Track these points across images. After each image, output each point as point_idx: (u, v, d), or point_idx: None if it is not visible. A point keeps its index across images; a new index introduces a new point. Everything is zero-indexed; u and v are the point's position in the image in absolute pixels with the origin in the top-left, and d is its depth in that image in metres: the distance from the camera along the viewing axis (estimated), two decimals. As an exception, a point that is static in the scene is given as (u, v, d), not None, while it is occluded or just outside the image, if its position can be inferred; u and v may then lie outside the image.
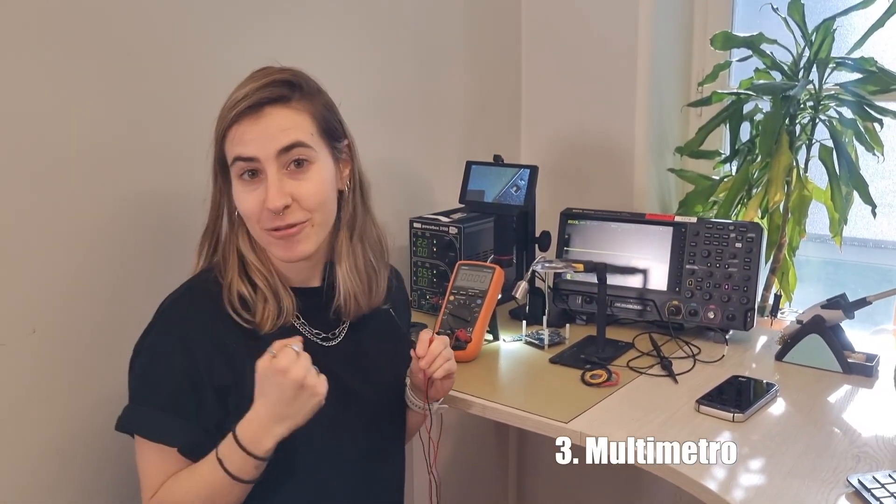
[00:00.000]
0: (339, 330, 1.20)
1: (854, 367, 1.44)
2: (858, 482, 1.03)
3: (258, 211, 1.07)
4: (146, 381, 1.08)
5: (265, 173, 1.06)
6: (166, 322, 1.10)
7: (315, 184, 1.08)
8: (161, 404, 1.07)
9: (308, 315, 1.17)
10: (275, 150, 1.05)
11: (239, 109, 1.04)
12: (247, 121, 1.05)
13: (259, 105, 1.04)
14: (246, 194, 1.07)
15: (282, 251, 1.10)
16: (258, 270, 1.12)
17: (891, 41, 1.83)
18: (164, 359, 1.07)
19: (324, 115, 1.11)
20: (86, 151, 1.27)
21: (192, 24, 1.41)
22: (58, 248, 1.26)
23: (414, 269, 1.83)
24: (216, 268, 1.13)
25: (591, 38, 2.09)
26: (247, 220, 1.10)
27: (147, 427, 1.07)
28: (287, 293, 1.13)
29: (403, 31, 1.87)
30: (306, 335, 1.15)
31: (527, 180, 1.66)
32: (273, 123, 1.05)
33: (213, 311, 1.09)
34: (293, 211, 1.07)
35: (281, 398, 0.99)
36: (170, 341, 1.08)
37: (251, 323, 1.09)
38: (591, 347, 1.57)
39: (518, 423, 1.32)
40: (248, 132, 1.05)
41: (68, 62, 1.24)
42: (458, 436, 2.17)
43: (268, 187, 1.05)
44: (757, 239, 1.59)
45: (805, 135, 1.81)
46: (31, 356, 1.24)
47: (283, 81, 1.07)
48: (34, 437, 1.26)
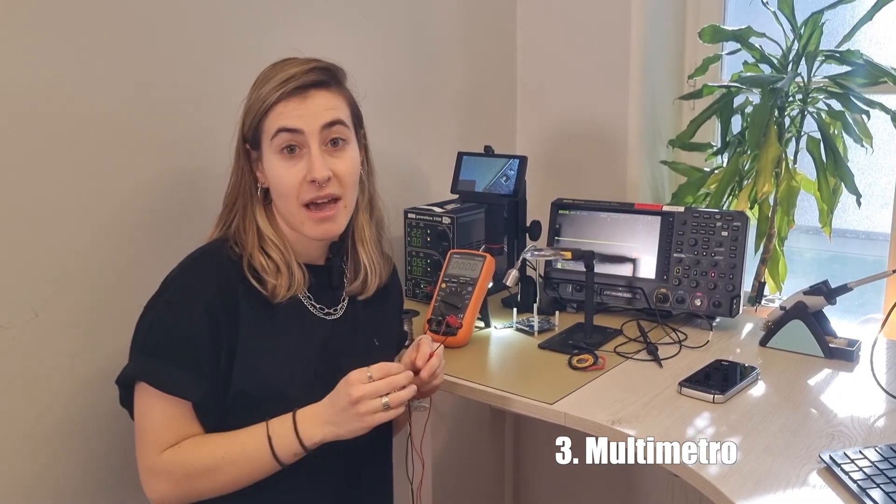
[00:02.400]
0: (340, 306, 1.27)
1: (835, 351, 1.46)
2: (830, 458, 1.06)
3: (298, 184, 1.15)
4: (163, 334, 1.12)
5: (307, 148, 1.14)
6: (186, 280, 1.15)
7: (350, 163, 1.18)
8: (177, 358, 1.10)
9: (314, 291, 1.24)
10: (319, 125, 1.14)
11: (287, 88, 1.13)
12: (294, 99, 1.13)
13: (305, 87, 1.14)
14: (286, 168, 1.15)
15: (316, 230, 1.18)
16: (274, 244, 1.18)
17: (878, 34, 1.85)
18: (186, 313, 1.11)
19: (354, 103, 1.23)
20: (93, 134, 1.31)
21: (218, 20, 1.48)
22: (61, 231, 1.29)
23: (408, 259, 1.87)
24: (231, 238, 1.18)
25: (585, 31, 2.12)
26: (283, 196, 1.17)
27: (163, 378, 1.09)
28: (299, 268, 1.20)
29: (399, 23, 1.91)
30: (311, 309, 1.23)
31: (516, 170, 1.69)
32: (318, 102, 1.15)
33: (233, 275, 1.15)
34: (332, 184, 1.16)
35: (335, 403, 1.08)
36: (192, 296, 1.12)
37: (266, 289, 1.15)
38: (580, 334, 1.60)
39: (504, 404, 1.36)
40: (295, 108, 1.13)
41: (83, 43, 1.28)
42: (453, 427, 2.20)
43: (312, 159, 1.14)
44: (742, 227, 1.62)
45: (794, 127, 1.84)
46: (34, 340, 1.27)
47: (324, 69, 1.17)
48: (36, 420, 1.28)
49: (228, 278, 1.14)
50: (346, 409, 1.06)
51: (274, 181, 1.17)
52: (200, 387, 1.10)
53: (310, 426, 1.08)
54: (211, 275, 1.14)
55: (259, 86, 1.16)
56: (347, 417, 1.06)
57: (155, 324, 1.12)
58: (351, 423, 1.07)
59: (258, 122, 1.15)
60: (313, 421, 1.08)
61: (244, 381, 1.12)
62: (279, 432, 1.09)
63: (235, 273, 1.15)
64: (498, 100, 2.24)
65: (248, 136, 1.18)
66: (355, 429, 1.07)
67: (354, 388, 1.05)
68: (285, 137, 1.14)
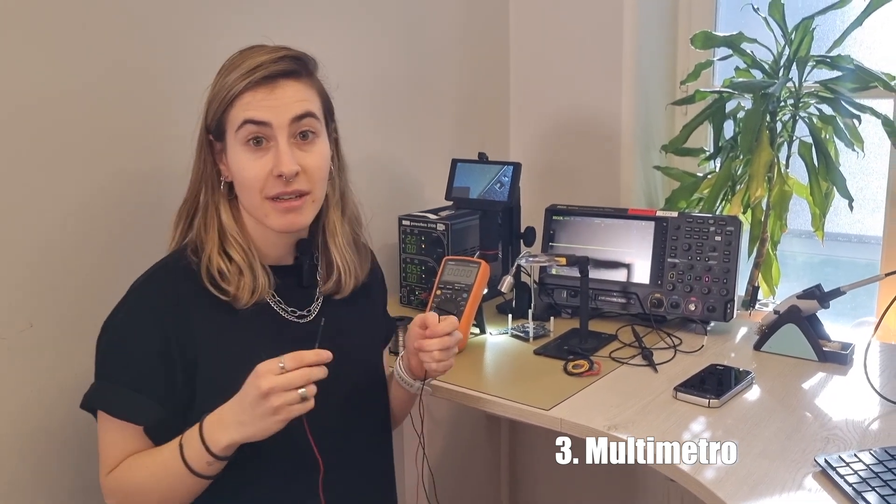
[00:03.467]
0: (314, 307, 1.22)
1: (829, 355, 1.47)
2: (825, 461, 1.06)
3: (263, 177, 1.09)
4: (114, 358, 1.09)
5: (274, 140, 1.08)
6: (137, 298, 1.11)
7: (319, 157, 1.13)
8: (128, 381, 1.07)
9: (282, 292, 1.18)
10: (288, 118, 1.08)
11: (255, 77, 1.07)
12: (263, 89, 1.07)
13: (275, 76, 1.08)
14: (252, 161, 1.09)
15: (280, 221, 1.12)
16: (237, 244, 1.13)
17: (868, 39, 1.87)
18: (135, 335, 1.08)
19: (325, 95, 1.17)
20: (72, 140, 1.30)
21: (178, 6, 1.43)
22: (54, 240, 1.29)
23: (403, 266, 1.87)
24: (190, 245, 1.14)
25: (578, 37, 2.13)
26: (246, 189, 1.11)
27: (112, 404, 1.07)
28: (263, 270, 1.14)
29: (393, 30, 1.92)
30: (280, 313, 1.17)
31: (510, 177, 1.69)
32: (288, 93, 1.09)
33: (188, 286, 1.10)
34: (300, 180, 1.10)
35: (243, 400, 0.99)
36: (141, 317, 1.09)
37: (227, 295, 1.10)
38: (575, 339, 1.60)
39: (500, 410, 1.36)
40: (264, 99, 1.07)
41: (42, 42, 1.25)
42: (450, 432, 2.20)
43: (280, 153, 1.08)
44: (735, 232, 1.63)
45: (786, 131, 1.85)
46: (29, 350, 1.27)
47: (295, 58, 1.11)
48: (32, 431, 1.29)
49: (182, 293, 1.10)
50: (256, 405, 0.97)
51: (238, 174, 1.11)
52: (152, 410, 1.07)
53: (215, 430, 1.00)
54: (162, 292, 1.10)
55: (224, 73, 1.10)
56: (259, 414, 0.97)
57: (108, 346, 1.10)
58: (263, 420, 0.97)
59: (222, 113, 1.09)
60: (218, 424, 1.01)
61: (209, 398, 1.05)
62: (188, 442, 1.03)
63: (192, 285, 1.10)
64: (492, 106, 2.25)
65: (212, 127, 1.12)
66: (268, 426, 0.98)
67: (264, 379, 0.95)
68: (251, 129, 1.08)
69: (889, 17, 1.79)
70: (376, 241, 1.87)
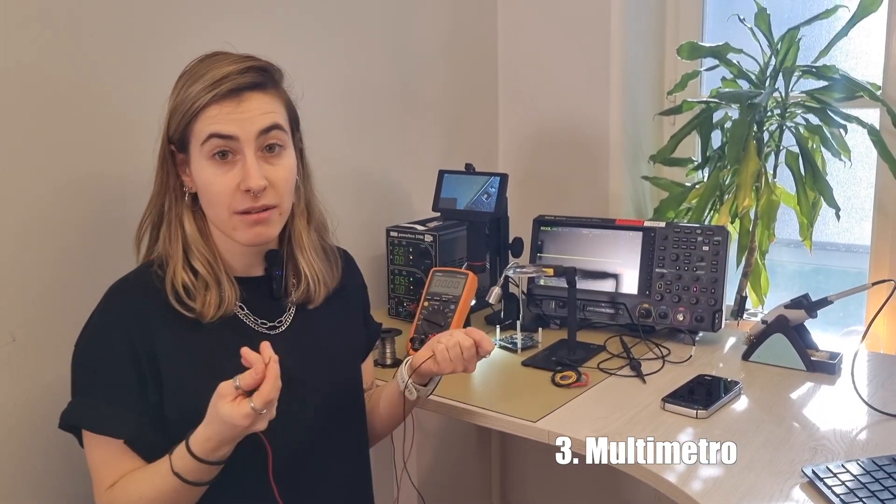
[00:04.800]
0: (286, 317, 1.20)
1: (817, 364, 1.47)
2: (812, 472, 1.06)
3: (230, 192, 1.07)
4: (87, 373, 1.08)
5: (241, 154, 1.06)
6: (106, 313, 1.10)
7: (286, 170, 1.11)
8: (104, 395, 1.07)
9: (252, 304, 1.16)
10: (255, 132, 1.06)
11: (220, 91, 1.04)
12: (228, 102, 1.05)
13: (241, 89, 1.05)
14: (219, 176, 1.06)
15: (248, 234, 1.10)
16: (202, 256, 1.11)
17: (854, 49, 1.88)
18: (104, 350, 1.07)
19: (291, 105, 1.15)
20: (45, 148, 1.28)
21: (140, 9, 1.41)
22: (36, 253, 1.28)
23: (391, 277, 1.86)
24: (157, 260, 1.13)
25: (565, 48, 2.13)
26: (213, 203, 1.09)
27: (91, 419, 1.07)
28: (229, 282, 1.12)
29: (380, 41, 1.92)
30: (250, 325, 1.15)
31: (497, 187, 1.69)
32: (254, 106, 1.06)
33: (154, 301, 1.09)
34: (268, 194, 1.08)
35: (212, 420, 0.99)
36: (108, 333, 1.08)
37: (193, 312, 1.09)
38: (563, 350, 1.59)
39: (488, 423, 1.35)
40: (231, 112, 1.05)
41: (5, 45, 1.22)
42: (439, 444, 2.19)
43: (247, 168, 1.05)
44: (723, 242, 1.62)
45: (773, 141, 1.85)
46: (11, 364, 1.26)
47: (261, 69, 1.09)
48: (18, 444, 1.27)
49: (145, 309, 1.08)
50: (221, 424, 0.97)
51: (203, 188, 1.08)
52: (130, 422, 1.06)
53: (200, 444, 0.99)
54: (126, 309, 1.09)
55: (187, 83, 1.06)
56: (226, 428, 0.97)
57: (80, 363, 1.09)
58: (231, 432, 0.97)
59: (186, 125, 1.06)
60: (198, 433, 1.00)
61: (177, 413, 1.06)
62: (177, 453, 1.02)
63: (156, 300, 1.08)
64: (479, 117, 2.25)
65: (174, 138, 1.08)
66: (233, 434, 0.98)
67: (221, 404, 0.95)
68: (217, 143, 1.05)
69: (874, 27, 1.80)
70: (364, 253, 1.88)
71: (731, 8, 1.96)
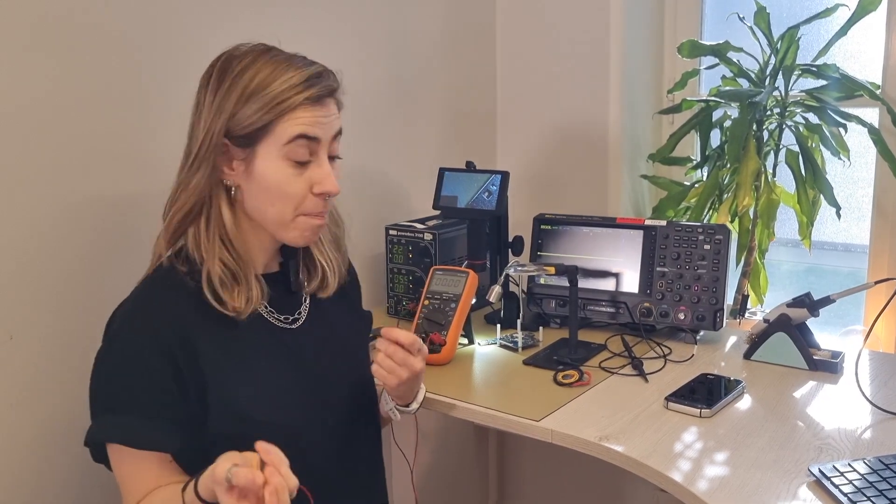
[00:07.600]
0: (303, 309, 1.20)
1: (819, 363, 1.46)
2: (819, 471, 1.05)
3: (303, 194, 1.08)
4: (122, 387, 1.03)
5: (315, 157, 1.08)
6: (134, 322, 1.05)
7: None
8: (143, 409, 1.02)
9: (272, 301, 1.15)
10: (332, 134, 1.10)
11: (313, 94, 1.05)
12: (317, 104, 1.07)
13: (325, 94, 1.08)
14: (295, 177, 1.07)
15: (304, 235, 1.12)
16: (235, 253, 1.09)
17: (853, 48, 1.88)
18: (141, 360, 1.02)
19: None
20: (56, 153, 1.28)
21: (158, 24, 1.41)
22: (34, 251, 1.27)
23: (390, 276, 1.85)
24: (179, 259, 1.09)
25: (564, 46, 2.12)
26: (278, 201, 1.07)
27: (133, 435, 1.01)
28: (257, 281, 1.11)
29: (380, 38, 1.90)
30: (273, 321, 1.15)
31: (498, 185, 1.68)
32: (331, 110, 1.10)
33: (186, 303, 1.05)
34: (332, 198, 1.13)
35: None
36: (142, 343, 1.03)
37: (228, 309, 1.06)
38: (564, 349, 1.59)
39: (490, 422, 1.34)
40: (317, 115, 1.07)
41: (20, 59, 1.22)
42: (438, 443, 2.18)
43: (326, 173, 1.09)
44: (724, 241, 1.62)
45: (773, 140, 1.85)
46: (9, 363, 1.24)
47: (333, 74, 1.12)
48: (14, 442, 1.26)
49: (179, 312, 1.05)
50: None
51: (272, 186, 1.06)
52: (176, 434, 1.02)
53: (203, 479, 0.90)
54: (159, 315, 1.04)
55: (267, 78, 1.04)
56: None
57: (111, 377, 1.04)
58: None
59: (268, 122, 1.04)
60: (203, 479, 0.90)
61: (219, 417, 1.04)
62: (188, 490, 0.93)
63: (190, 301, 1.05)
64: (479, 115, 2.24)
65: (239, 132, 1.05)
66: None
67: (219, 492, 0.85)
68: (304, 144, 1.06)
69: (873, 26, 1.80)
70: (363, 251, 1.87)
71: (729, 7, 1.96)
